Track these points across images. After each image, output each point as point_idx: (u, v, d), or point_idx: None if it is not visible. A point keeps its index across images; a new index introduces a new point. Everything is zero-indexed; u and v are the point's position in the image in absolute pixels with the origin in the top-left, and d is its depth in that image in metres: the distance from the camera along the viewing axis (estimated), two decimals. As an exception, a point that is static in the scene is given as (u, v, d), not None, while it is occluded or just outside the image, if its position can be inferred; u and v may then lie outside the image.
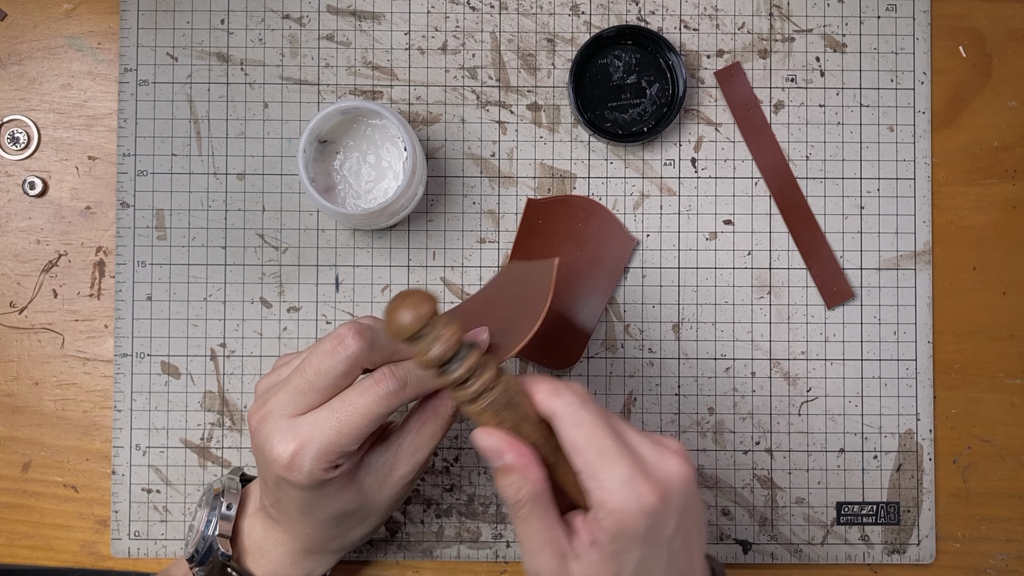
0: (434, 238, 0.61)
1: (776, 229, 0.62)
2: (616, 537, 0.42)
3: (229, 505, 0.53)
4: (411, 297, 0.42)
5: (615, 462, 0.42)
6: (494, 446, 0.43)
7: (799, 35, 0.62)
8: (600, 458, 0.42)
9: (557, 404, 0.43)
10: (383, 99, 0.62)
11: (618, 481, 0.42)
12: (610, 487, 0.42)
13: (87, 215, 0.62)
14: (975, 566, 0.61)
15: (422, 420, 0.49)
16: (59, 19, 0.62)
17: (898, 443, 0.61)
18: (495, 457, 0.44)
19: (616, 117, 0.61)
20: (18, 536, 0.61)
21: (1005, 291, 0.62)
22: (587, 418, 0.43)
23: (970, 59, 0.62)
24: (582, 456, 0.43)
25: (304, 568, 0.53)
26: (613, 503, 0.42)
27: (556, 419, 0.43)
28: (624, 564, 0.43)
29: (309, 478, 0.46)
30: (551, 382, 0.44)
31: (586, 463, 0.42)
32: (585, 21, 0.62)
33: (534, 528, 0.44)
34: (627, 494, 0.42)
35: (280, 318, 0.61)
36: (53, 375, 0.61)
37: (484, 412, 0.43)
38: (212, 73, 0.61)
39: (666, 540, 0.43)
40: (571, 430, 0.43)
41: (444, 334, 0.42)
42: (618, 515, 0.42)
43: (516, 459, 0.43)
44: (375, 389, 0.46)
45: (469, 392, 0.43)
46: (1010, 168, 0.62)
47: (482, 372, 0.43)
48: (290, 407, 0.46)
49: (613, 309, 0.61)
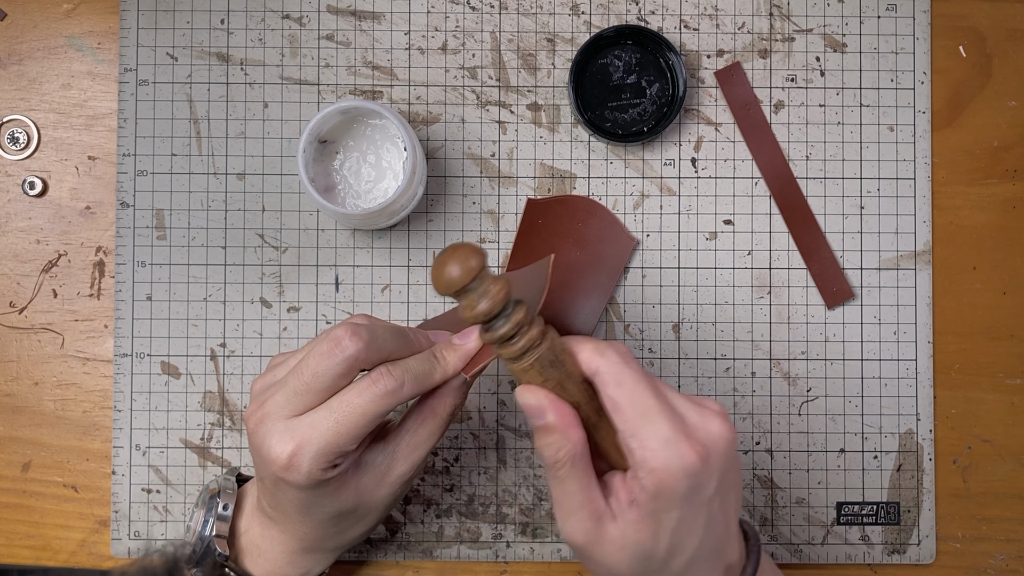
0: (434, 238, 0.61)
1: (776, 229, 0.62)
2: (656, 496, 0.42)
3: (225, 505, 0.53)
4: (460, 250, 0.41)
5: (657, 421, 0.42)
6: (537, 404, 0.43)
7: (799, 35, 0.62)
8: (642, 417, 0.42)
9: (600, 362, 0.43)
10: (383, 99, 0.62)
11: (660, 440, 0.42)
12: (652, 446, 0.42)
13: (87, 215, 0.62)
14: (975, 566, 0.61)
15: (419, 420, 0.49)
16: (59, 19, 0.62)
17: (898, 443, 0.61)
18: (537, 416, 0.43)
19: (616, 117, 0.61)
20: (18, 536, 0.61)
21: (1005, 291, 0.62)
22: (630, 377, 0.43)
23: (970, 59, 0.62)
24: (624, 415, 0.42)
25: (302, 567, 0.53)
26: (655, 462, 0.42)
27: (599, 377, 0.43)
28: (662, 524, 0.43)
29: (308, 479, 0.45)
30: (594, 342, 0.44)
31: (628, 422, 0.42)
32: (585, 21, 0.62)
33: (572, 489, 0.43)
34: (669, 453, 0.42)
35: (280, 318, 0.61)
36: (53, 375, 0.61)
37: (529, 369, 0.43)
38: (212, 73, 0.61)
39: (705, 501, 0.43)
40: (613, 388, 0.43)
41: (492, 289, 0.41)
42: (659, 474, 0.42)
43: (558, 419, 0.43)
44: (372, 389, 0.45)
45: (515, 348, 0.42)
46: (1010, 168, 0.62)
47: (528, 329, 0.43)
48: (287, 408, 0.46)
49: (613, 309, 0.61)
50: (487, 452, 0.61)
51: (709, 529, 0.44)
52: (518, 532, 0.61)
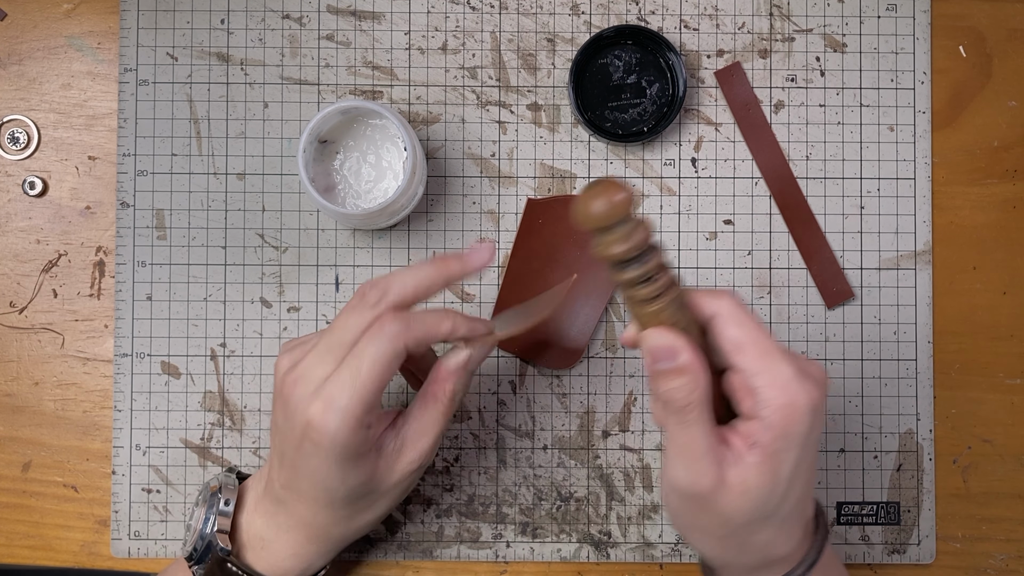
0: (434, 238, 0.61)
1: (776, 229, 0.62)
2: (781, 435, 0.42)
3: (227, 501, 0.53)
4: (612, 187, 0.40)
5: (780, 360, 0.43)
6: (671, 345, 0.43)
7: (799, 35, 0.62)
8: (766, 356, 0.43)
9: (719, 304, 0.44)
10: (383, 99, 0.62)
11: (785, 378, 0.42)
12: (780, 383, 0.42)
13: (87, 215, 0.62)
14: (975, 566, 0.61)
15: (422, 406, 0.50)
16: (59, 19, 0.62)
17: (898, 443, 0.61)
18: (669, 356, 0.43)
19: (616, 117, 0.61)
20: (18, 536, 0.61)
21: (1005, 291, 0.62)
22: (748, 319, 0.44)
23: (970, 59, 0.62)
24: (747, 354, 0.43)
25: (305, 559, 0.53)
26: (783, 398, 0.42)
27: (718, 319, 0.44)
28: (782, 465, 0.43)
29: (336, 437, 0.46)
30: (708, 291, 0.45)
31: (753, 360, 0.43)
32: (585, 21, 0.62)
33: (699, 434, 0.43)
34: (795, 390, 0.42)
35: (280, 318, 0.61)
36: (53, 375, 0.61)
37: (663, 312, 0.43)
38: (212, 73, 0.61)
39: (815, 441, 0.44)
40: (734, 329, 0.43)
41: (638, 230, 0.41)
42: (787, 410, 0.42)
43: (691, 359, 0.43)
44: (380, 333, 0.46)
45: (653, 287, 0.42)
46: (1010, 168, 0.62)
47: (662, 274, 0.42)
48: (319, 367, 0.47)
49: (613, 309, 0.61)
50: (487, 452, 0.61)
51: (810, 473, 0.45)
52: (518, 532, 0.61)
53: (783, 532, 0.46)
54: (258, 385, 0.61)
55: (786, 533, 0.46)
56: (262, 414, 0.61)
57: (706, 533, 0.46)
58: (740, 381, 0.44)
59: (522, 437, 0.61)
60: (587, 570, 0.61)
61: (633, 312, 0.44)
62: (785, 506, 0.44)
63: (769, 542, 0.46)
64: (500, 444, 0.61)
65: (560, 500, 0.61)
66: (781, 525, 0.45)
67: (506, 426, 0.61)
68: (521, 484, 0.61)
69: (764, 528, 0.45)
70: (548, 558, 0.61)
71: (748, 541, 0.45)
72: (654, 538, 0.61)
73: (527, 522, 0.61)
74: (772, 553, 0.46)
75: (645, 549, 0.61)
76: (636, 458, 0.61)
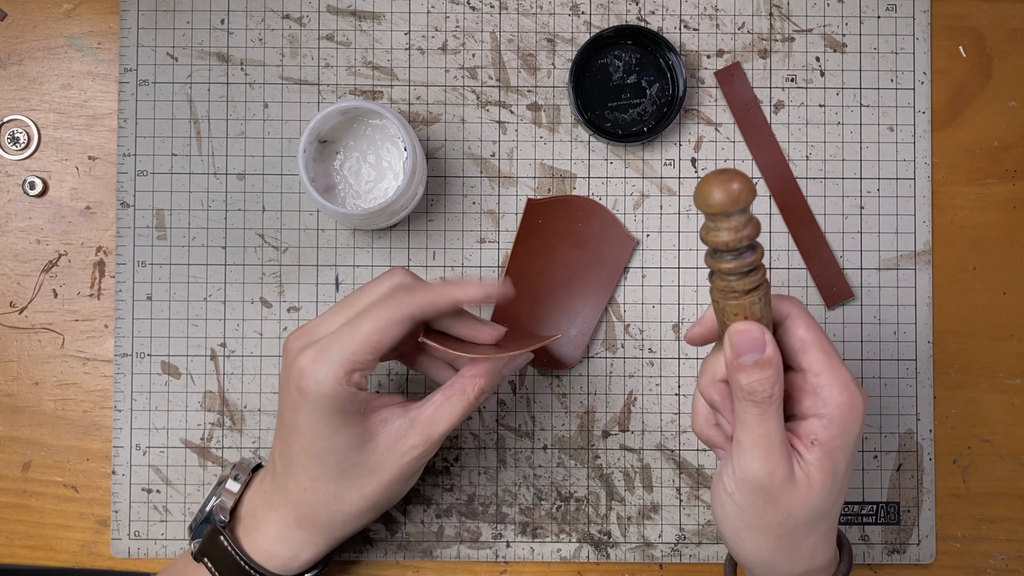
0: (434, 238, 0.61)
1: (776, 229, 0.62)
2: (840, 433, 0.45)
3: (237, 476, 0.54)
4: (735, 177, 0.41)
5: (840, 367, 0.45)
6: (758, 337, 0.44)
7: (799, 35, 0.62)
8: (830, 359, 0.45)
9: (792, 306, 0.46)
10: (383, 99, 0.62)
11: (846, 382, 0.45)
12: (841, 383, 0.45)
13: (87, 215, 0.62)
14: (975, 566, 0.61)
15: (446, 395, 0.50)
16: (59, 19, 0.62)
17: (898, 443, 0.61)
18: (757, 348, 0.44)
19: (616, 117, 0.61)
20: (18, 536, 0.61)
21: (1005, 291, 0.62)
22: (815, 323, 0.46)
23: (970, 59, 0.62)
24: (815, 355, 0.45)
25: (291, 545, 0.52)
26: (843, 397, 0.45)
27: (791, 320, 0.46)
28: (839, 463, 0.45)
29: (325, 385, 0.47)
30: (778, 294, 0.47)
31: (819, 361, 0.45)
32: (585, 21, 0.62)
33: (776, 427, 0.45)
34: (855, 391, 0.45)
35: (280, 318, 0.61)
36: (53, 375, 0.61)
37: (754, 304, 0.44)
38: (212, 73, 0.61)
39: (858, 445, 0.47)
40: (805, 330, 0.46)
41: (753, 222, 0.42)
42: (847, 409, 0.45)
43: (775, 353, 0.44)
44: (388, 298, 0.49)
45: (748, 282, 0.43)
46: (1010, 168, 0.62)
47: (760, 270, 0.44)
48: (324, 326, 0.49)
49: (613, 309, 0.61)
50: (487, 452, 0.61)
51: (849, 476, 0.47)
52: (518, 532, 0.61)
53: (827, 539, 0.48)
54: (258, 385, 0.61)
55: (829, 540, 0.48)
56: (262, 414, 0.61)
57: (764, 532, 0.46)
58: (802, 380, 0.46)
59: (522, 437, 0.61)
60: (587, 570, 0.61)
61: (721, 304, 0.45)
62: (836, 508, 0.47)
63: (816, 547, 0.47)
64: (500, 444, 0.61)
65: (560, 500, 0.61)
66: (828, 530, 0.47)
67: (506, 426, 0.61)
68: (521, 484, 0.61)
69: (816, 530, 0.47)
70: (548, 558, 0.61)
71: (800, 544, 0.47)
72: (654, 538, 0.61)
73: (527, 522, 0.61)
74: (815, 561, 0.48)
75: (645, 549, 0.61)
76: (636, 458, 0.61)
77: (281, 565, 0.52)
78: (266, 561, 0.52)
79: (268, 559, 0.52)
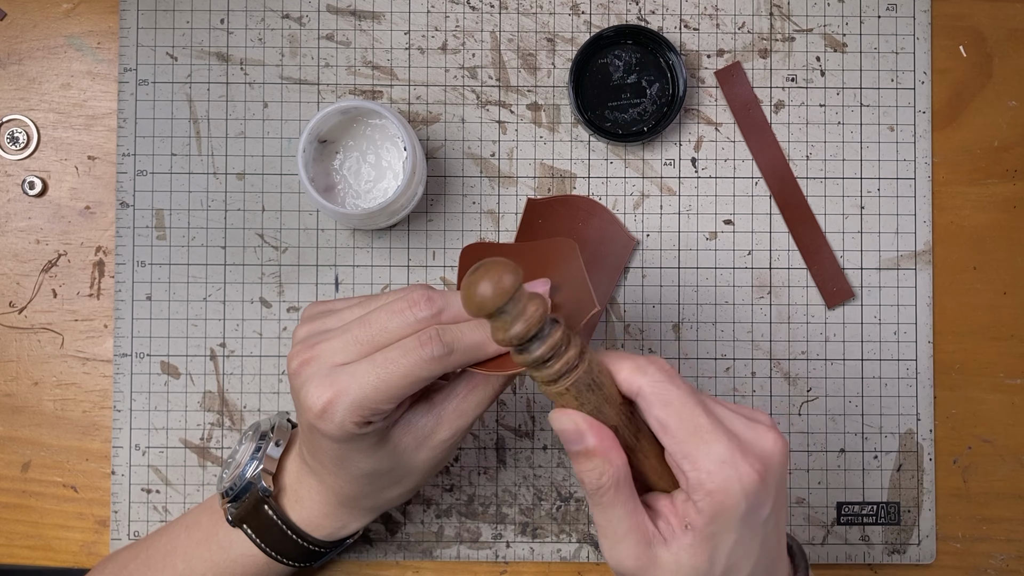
0: (434, 238, 0.61)
1: (776, 229, 0.62)
2: (714, 519, 0.40)
3: (278, 442, 0.52)
4: (493, 269, 0.38)
5: (711, 441, 0.40)
6: (575, 428, 0.41)
7: (799, 35, 0.62)
8: (694, 437, 0.40)
9: (642, 382, 0.41)
10: (383, 99, 0.62)
11: (716, 461, 0.40)
12: (708, 467, 0.40)
13: (87, 215, 0.62)
14: (975, 566, 0.61)
15: (470, 386, 0.47)
16: (59, 19, 0.62)
17: (898, 443, 0.61)
18: (575, 440, 0.41)
19: (616, 117, 0.61)
20: (18, 536, 0.61)
21: (1005, 291, 0.62)
22: (676, 395, 0.41)
23: (970, 59, 0.62)
24: (674, 436, 0.41)
25: (339, 520, 0.51)
26: (712, 483, 0.40)
27: (642, 398, 0.41)
28: (718, 548, 0.41)
29: (340, 430, 0.44)
30: (634, 359, 0.42)
31: (679, 443, 0.41)
32: (585, 21, 0.62)
33: (618, 515, 0.41)
34: (727, 474, 0.40)
35: (280, 318, 0.61)
36: (53, 375, 0.61)
37: (565, 394, 0.41)
38: (212, 73, 0.61)
39: (762, 520, 0.41)
40: (659, 409, 0.41)
41: (528, 310, 0.39)
42: (718, 496, 0.40)
43: (598, 443, 0.41)
44: (419, 352, 0.43)
45: (550, 372, 0.40)
46: (1010, 168, 0.62)
47: (565, 351, 0.40)
48: (341, 355, 0.44)
49: (613, 309, 0.61)
50: (487, 452, 0.61)
51: (764, 549, 0.42)
52: (518, 532, 0.61)
53: None
54: (258, 385, 0.61)
55: None
56: (262, 414, 0.61)
57: None
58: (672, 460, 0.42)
59: (522, 437, 0.61)
60: (587, 570, 0.61)
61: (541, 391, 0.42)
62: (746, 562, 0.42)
63: None
64: (500, 444, 0.61)
65: (560, 500, 0.61)
66: None
67: (506, 426, 0.61)
68: (521, 484, 0.61)
69: None
70: (548, 558, 0.61)
71: None
72: (654, 538, 0.61)
73: (527, 522, 0.61)
74: None
75: (645, 549, 0.61)
76: (636, 458, 0.61)
77: (329, 534, 0.52)
78: (314, 531, 0.51)
79: (316, 529, 0.51)
